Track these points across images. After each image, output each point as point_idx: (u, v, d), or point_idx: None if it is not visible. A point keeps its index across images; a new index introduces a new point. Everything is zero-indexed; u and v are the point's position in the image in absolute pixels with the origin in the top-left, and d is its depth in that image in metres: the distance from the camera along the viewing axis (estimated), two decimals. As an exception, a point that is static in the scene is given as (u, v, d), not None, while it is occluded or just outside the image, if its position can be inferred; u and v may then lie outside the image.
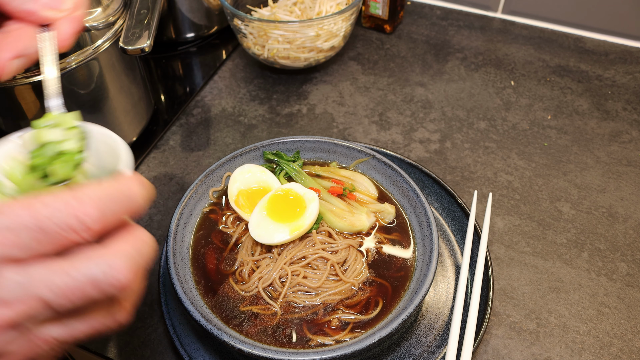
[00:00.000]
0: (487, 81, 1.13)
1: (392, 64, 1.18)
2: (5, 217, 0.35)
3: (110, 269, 0.37)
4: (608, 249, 0.83)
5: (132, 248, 0.39)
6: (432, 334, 0.71)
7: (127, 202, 0.40)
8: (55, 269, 0.36)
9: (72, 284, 0.36)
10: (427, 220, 0.73)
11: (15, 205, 0.36)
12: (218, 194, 0.81)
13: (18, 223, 0.35)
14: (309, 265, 0.72)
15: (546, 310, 0.75)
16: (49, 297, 0.36)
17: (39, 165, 0.50)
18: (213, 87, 1.13)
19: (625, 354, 0.71)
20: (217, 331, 0.62)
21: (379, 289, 0.70)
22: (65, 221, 0.36)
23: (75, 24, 0.51)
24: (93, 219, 0.37)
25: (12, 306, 0.35)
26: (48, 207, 0.36)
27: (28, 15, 0.49)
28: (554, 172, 0.95)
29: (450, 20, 1.29)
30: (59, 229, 0.36)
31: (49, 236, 0.36)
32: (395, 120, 1.05)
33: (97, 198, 0.38)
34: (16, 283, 0.35)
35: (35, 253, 0.36)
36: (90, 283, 0.36)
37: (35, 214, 0.36)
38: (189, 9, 1.17)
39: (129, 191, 0.40)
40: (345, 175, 0.82)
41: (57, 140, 0.50)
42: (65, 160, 0.49)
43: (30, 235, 0.35)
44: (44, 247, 0.36)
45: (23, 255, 0.36)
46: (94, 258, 0.37)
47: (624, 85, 1.11)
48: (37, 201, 0.36)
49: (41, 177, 0.49)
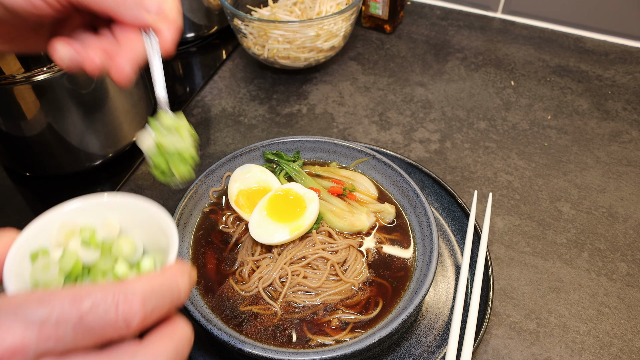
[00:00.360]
0: (487, 81, 1.13)
1: (392, 64, 1.18)
2: (50, 310, 0.34)
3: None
4: (608, 249, 0.83)
5: (172, 347, 0.39)
6: (432, 334, 0.71)
7: (171, 298, 0.39)
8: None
9: None
10: (427, 220, 0.73)
11: (61, 296, 0.35)
12: (218, 194, 0.81)
13: (62, 317, 0.34)
14: (309, 265, 0.72)
15: (546, 310, 0.75)
16: None
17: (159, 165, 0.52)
18: (213, 87, 1.13)
19: (625, 354, 0.71)
20: (217, 331, 0.62)
21: (379, 289, 0.70)
22: (110, 318, 0.35)
23: (176, 31, 0.53)
24: (137, 317, 0.36)
25: None
26: (94, 303, 0.35)
27: (135, 21, 0.52)
28: (554, 172, 0.95)
29: (450, 20, 1.29)
30: (103, 326, 0.35)
31: (91, 332, 0.35)
32: (395, 120, 1.05)
33: (144, 295, 0.37)
34: None
35: (74, 346, 0.35)
36: None
37: (81, 309, 0.35)
38: (189, 9, 1.17)
39: (175, 286, 0.40)
40: (345, 175, 0.82)
41: (173, 142, 0.53)
42: (183, 159, 0.52)
43: (72, 330, 0.35)
44: (85, 342, 0.35)
45: (62, 349, 0.35)
46: (133, 357, 0.36)
47: (624, 85, 1.11)
48: (85, 294, 0.35)
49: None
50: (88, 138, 0.89)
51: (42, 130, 0.84)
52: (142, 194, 0.92)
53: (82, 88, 0.83)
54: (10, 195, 0.94)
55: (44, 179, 0.95)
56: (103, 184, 0.94)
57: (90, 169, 0.94)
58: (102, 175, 0.95)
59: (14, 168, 0.96)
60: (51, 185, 0.94)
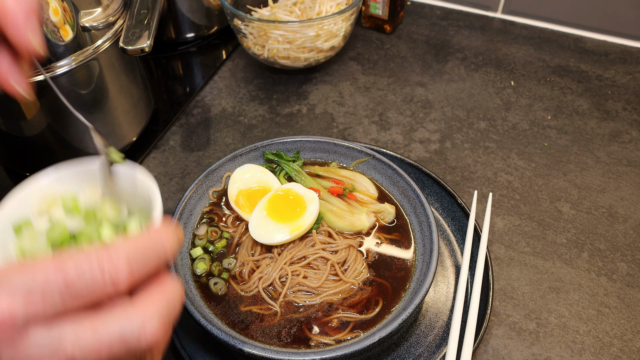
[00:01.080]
0: (487, 81, 1.13)
1: (392, 64, 1.18)
2: (34, 275, 0.35)
3: (140, 327, 0.36)
4: (608, 249, 0.83)
5: (162, 303, 0.39)
6: (432, 334, 0.71)
7: (157, 257, 0.39)
8: (84, 327, 0.36)
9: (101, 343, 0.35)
10: (427, 220, 0.73)
11: (44, 263, 0.35)
12: (218, 194, 0.81)
13: (47, 284, 0.34)
14: (309, 265, 0.72)
15: (546, 310, 0.75)
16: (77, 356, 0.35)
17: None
18: (213, 87, 1.13)
19: (625, 354, 0.71)
20: (217, 331, 0.62)
21: (379, 288, 0.70)
22: (96, 281, 0.36)
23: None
24: (124, 277, 0.37)
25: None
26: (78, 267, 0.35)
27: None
28: (554, 172, 0.95)
29: (450, 20, 1.29)
30: (89, 288, 0.35)
31: (78, 294, 0.35)
32: (395, 120, 1.05)
33: (129, 255, 0.37)
34: (45, 342, 0.35)
35: (63, 311, 0.35)
36: (120, 342, 0.36)
37: (65, 274, 0.35)
38: (189, 9, 1.17)
39: (161, 245, 0.40)
40: (345, 175, 0.82)
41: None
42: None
43: (59, 295, 0.35)
44: (73, 305, 0.36)
45: (52, 314, 0.35)
46: (124, 315, 0.37)
47: (624, 85, 1.11)
48: (68, 258, 0.36)
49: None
50: (88, 138, 0.89)
51: (42, 130, 0.84)
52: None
53: (82, 88, 0.83)
54: (10, 195, 0.94)
55: (44, 179, 0.95)
56: (103, 184, 0.94)
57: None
58: (102, 175, 0.95)
59: (14, 168, 0.95)
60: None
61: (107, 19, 0.81)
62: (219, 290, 0.69)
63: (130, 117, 0.95)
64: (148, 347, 0.37)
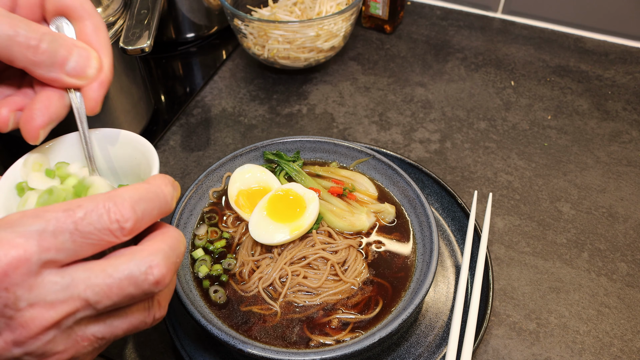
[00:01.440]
0: (487, 81, 1.13)
1: (392, 64, 1.18)
2: (46, 221, 0.36)
3: (148, 267, 0.39)
4: (608, 249, 0.83)
5: (167, 246, 0.41)
6: (432, 334, 0.71)
7: (159, 203, 0.42)
8: (95, 269, 0.37)
9: (112, 283, 0.37)
10: (427, 220, 0.73)
11: (54, 209, 0.37)
12: (218, 194, 0.81)
13: (58, 227, 0.36)
14: (309, 265, 0.72)
15: (546, 311, 0.75)
16: (90, 297, 0.37)
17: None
18: (213, 87, 1.13)
19: (625, 354, 0.71)
20: (217, 331, 0.62)
21: (379, 289, 0.70)
22: (104, 224, 0.38)
23: (101, 89, 0.51)
24: (129, 220, 0.39)
25: (56, 307, 0.36)
26: (86, 211, 0.37)
27: (53, 82, 0.49)
28: (554, 172, 0.95)
29: (450, 20, 1.29)
30: (98, 232, 0.37)
31: (88, 239, 0.37)
32: (395, 120, 1.05)
33: (132, 200, 0.39)
34: (59, 285, 0.36)
35: (75, 255, 0.37)
36: (130, 281, 0.38)
37: (75, 218, 0.37)
38: (189, 9, 1.17)
39: (161, 192, 0.42)
40: (345, 175, 0.82)
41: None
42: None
43: (70, 238, 0.37)
44: (84, 249, 0.37)
45: (64, 258, 0.37)
46: (132, 257, 0.39)
47: (624, 85, 1.11)
48: (76, 205, 0.37)
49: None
50: (88, 138, 0.89)
51: (42, 130, 0.84)
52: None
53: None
54: (10, 195, 0.94)
55: (44, 179, 0.95)
56: (103, 184, 0.94)
57: (90, 169, 0.94)
58: (102, 175, 0.95)
59: (14, 168, 0.95)
60: (51, 185, 0.94)
61: (107, 19, 0.81)
62: (219, 299, 0.69)
63: (130, 117, 0.95)
64: (155, 286, 0.39)
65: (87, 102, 0.51)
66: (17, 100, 0.51)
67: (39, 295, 0.36)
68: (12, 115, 0.50)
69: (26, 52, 0.46)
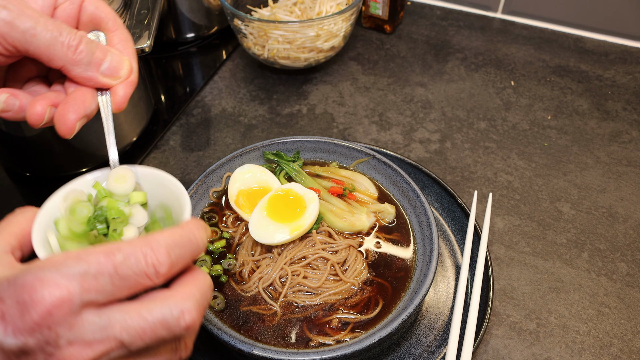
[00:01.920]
0: (487, 81, 1.13)
1: (392, 64, 1.18)
2: (88, 264, 0.38)
3: (180, 312, 0.41)
4: (608, 249, 0.83)
5: (198, 291, 0.43)
6: (432, 334, 0.71)
7: (191, 248, 0.44)
8: (130, 312, 0.39)
9: (146, 326, 0.39)
10: (427, 220, 0.73)
11: (95, 252, 0.39)
12: (218, 194, 0.81)
13: (99, 270, 0.38)
14: (309, 265, 0.72)
15: (546, 310, 0.75)
16: (125, 339, 0.39)
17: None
18: (213, 87, 1.13)
19: (625, 354, 0.71)
20: (217, 331, 0.62)
21: (379, 289, 0.70)
22: (141, 268, 0.40)
23: (129, 88, 0.56)
24: (165, 265, 0.41)
25: (93, 346, 0.38)
26: (125, 255, 0.39)
27: (87, 81, 0.53)
28: (554, 172, 0.95)
29: (450, 20, 1.29)
30: (135, 275, 0.39)
31: (125, 282, 0.39)
32: (395, 121, 1.05)
33: (168, 246, 0.41)
34: (97, 325, 0.38)
35: (112, 296, 0.39)
36: (163, 325, 0.40)
37: (114, 261, 0.39)
38: (189, 9, 1.17)
39: (194, 237, 0.44)
40: (345, 175, 0.82)
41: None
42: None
43: (109, 281, 0.39)
44: (121, 292, 0.39)
45: (102, 299, 0.39)
46: (166, 302, 0.41)
47: (624, 85, 1.11)
48: (116, 249, 0.39)
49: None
50: (88, 138, 0.89)
51: (42, 130, 0.84)
52: (142, 194, 0.92)
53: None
54: (10, 195, 0.94)
55: (44, 179, 0.95)
56: (103, 184, 0.94)
57: (90, 170, 0.94)
58: (102, 175, 0.95)
59: (14, 168, 0.96)
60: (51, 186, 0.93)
61: (107, 19, 0.80)
62: (217, 306, 0.69)
63: (130, 117, 0.95)
64: (186, 330, 0.41)
65: (116, 98, 0.55)
66: (51, 97, 0.54)
67: (78, 334, 0.38)
68: (48, 110, 0.53)
69: (67, 52, 0.50)
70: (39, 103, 0.53)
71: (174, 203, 0.53)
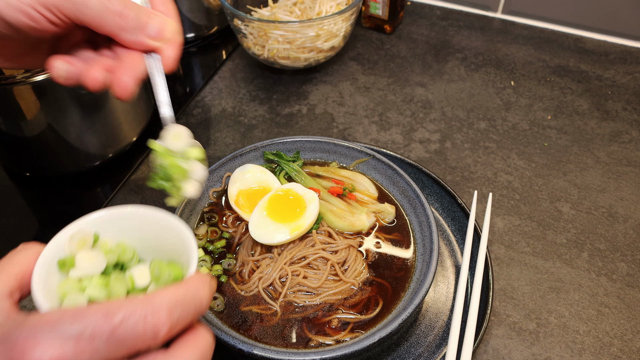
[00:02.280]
0: (487, 81, 1.13)
1: (392, 64, 1.18)
2: (85, 325, 0.37)
3: None
4: (608, 249, 0.83)
5: (198, 353, 0.41)
6: (432, 334, 0.71)
7: (194, 307, 0.42)
8: None
9: None
10: (427, 220, 0.73)
11: (94, 312, 0.38)
12: (218, 194, 0.81)
13: (95, 332, 0.37)
14: (309, 265, 0.72)
15: (546, 310, 0.75)
16: None
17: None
18: (213, 87, 1.13)
19: (625, 354, 0.71)
20: (217, 331, 0.62)
21: (379, 289, 0.70)
22: (140, 330, 0.38)
23: (177, 49, 0.58)
24: (165, 327, 0.39)
25: None
26: (125, 316, 0.38)
27: (136, 45, 0.56)
28: (554, 172, 0.95)
29: (450, 20, 1.29)
30: (133, 337, 0.38)
31: (122, 344, 0.38)
32: (395, 121, 1.05)
33: (169, 306, 0.40)
34: None
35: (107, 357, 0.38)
36: None
37: (113, 323, 0.37)
38: (189, 9, 1.17)
39: (197, 296, 0.42)
40: (345, 175, 0.82)
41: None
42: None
43: (105, 343, 0.37)
44: (117, 354, 0.38)
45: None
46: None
47: (624, 85, 1.11)
48: (116, 308, 0.38)
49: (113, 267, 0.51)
50: (88, 138, 0.89)
51: (42, 130, 0.84)
52: (141, 195, 0.92)
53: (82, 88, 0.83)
54: (10, 195, 0.94)
55: (44, 179, 0.95)
56: (103, 184, 0.94)
57: (90, 169, 0.94)
58: (102, 175, 0.95)
59: (14, 168, 0.96)
60: (51, 186, 0.94)
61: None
62: (216, 307, 0.68)
63: (130, 117, 0.95)
64: None
65: (165, 60, 0.58)
66: (104, 62, 0.56)
67: None
68: (103, 75, 0.55)
69: (116, 19, 0.53)
70: (94, 68, 0.55)
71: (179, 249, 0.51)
